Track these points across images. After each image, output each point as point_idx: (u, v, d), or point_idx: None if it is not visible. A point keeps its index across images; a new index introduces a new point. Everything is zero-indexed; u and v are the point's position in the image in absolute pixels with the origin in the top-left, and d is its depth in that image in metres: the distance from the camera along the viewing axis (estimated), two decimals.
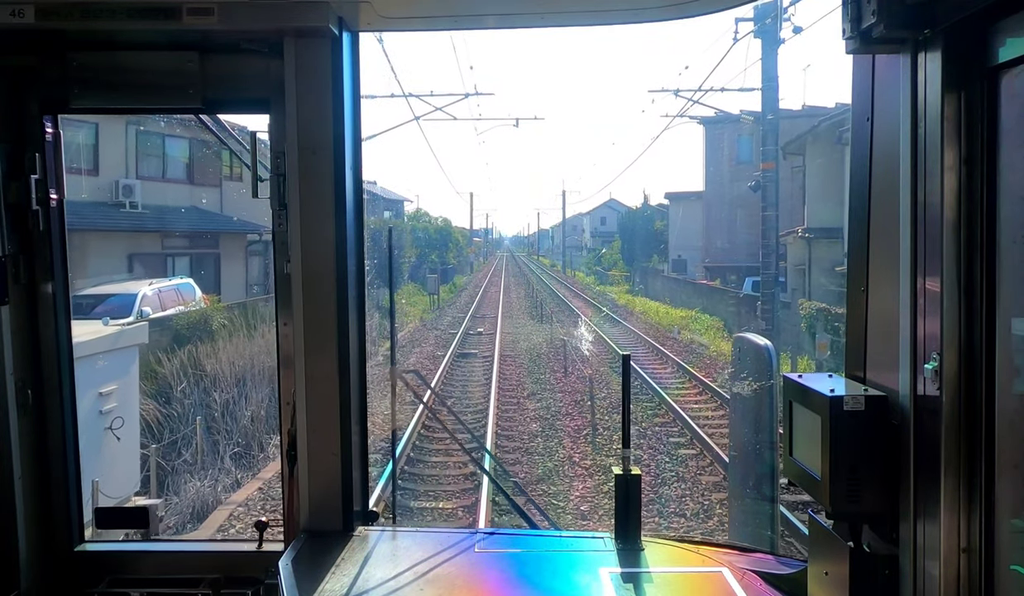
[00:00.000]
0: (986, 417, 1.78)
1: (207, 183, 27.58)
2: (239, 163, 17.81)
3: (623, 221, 67.62)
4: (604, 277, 62.96)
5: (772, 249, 20.92)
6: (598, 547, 2.76)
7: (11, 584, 2.79)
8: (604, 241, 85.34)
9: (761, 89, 20.62)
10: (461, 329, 26.72)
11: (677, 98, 25.65)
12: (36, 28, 2.49)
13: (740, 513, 3.94)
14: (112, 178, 23.12)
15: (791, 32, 19.76)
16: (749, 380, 3.70)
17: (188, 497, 10.40)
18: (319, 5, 2.53)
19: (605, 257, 71.37)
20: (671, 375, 18.98)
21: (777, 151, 21.32)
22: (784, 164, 25.98)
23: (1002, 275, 1.75)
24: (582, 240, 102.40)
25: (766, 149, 20.79)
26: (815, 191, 27.12)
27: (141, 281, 19.63)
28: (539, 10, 2.71)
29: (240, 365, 14.87)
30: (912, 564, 1.91)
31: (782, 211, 21.64)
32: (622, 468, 2.76)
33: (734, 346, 4.18)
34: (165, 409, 13.17)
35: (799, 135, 27.73)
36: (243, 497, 10.47)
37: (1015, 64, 1.68)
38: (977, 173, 1.78)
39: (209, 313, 18.32)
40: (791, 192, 28.22)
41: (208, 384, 14.08)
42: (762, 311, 20.56)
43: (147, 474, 10.30)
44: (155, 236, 24.69)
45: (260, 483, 11.00)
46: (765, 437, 3.70)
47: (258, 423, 13.49)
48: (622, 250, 62.32)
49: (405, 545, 2.78)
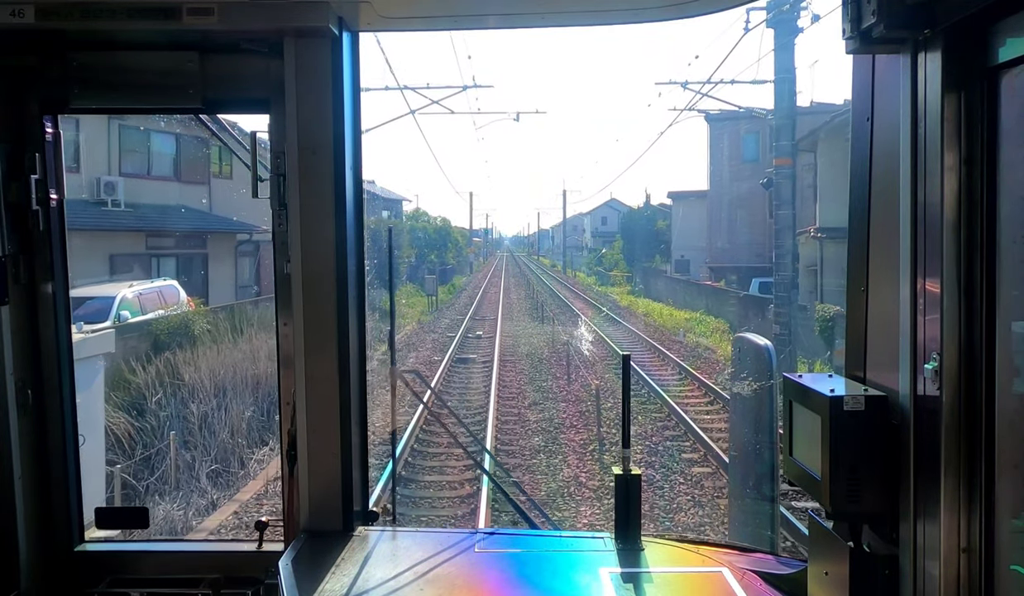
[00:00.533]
0: (986, 417, 1.78)
1: (195, 181, 26.72)
2: (229, 160, 17.88)
3: (624, 221, 66.37)
4: (605, 278, 61.96)
5: (787, 250, 19.62)
6: (598, 547, 2.76)
7: (11, 584, 2.79)
8: (605, 241, 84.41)
9: (774, 81, 19.39)
10: (460, 331, 26.33)
11: (685, 90, 24.11)
12: (36, 28, 2.49)
13: (740, 513, 3.94)
14: (94, 175, 22.21)
15: (809, 20, 18.26)
16: (749, 380, 3.70)
17: (156, 522, 9.41)
18: (319, 5, 2.53)
19: (606, 257, 70.49)
20: (678, 381, 18.09)
21: (793, 146, 20.10)
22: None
23: (1002, 275, 1.75)
24: (583, 240, 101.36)
25: (780, 145, 19.58)
26: (827, 189, 26.12)
27: (121, 283, 18.75)
28: (539, 10, 2.72)
29: (222, 374, 14.05)
30: (912, 564, 1.91)
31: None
32: (622, 468, 2.76)
33: (734, 346, 4.17)
34: (138, 422, 12.39)
35: (811, 131, 26.59)
36: (216, 523, 9.55)
37: (1015, 64, 1.68)
38: (977, 173, 1.78)
39: (191, 317, 17.48)
40: (800, 190, 27.69)
41: (186, 395, 13.28)
42: (776, 315, 19.40)
43: (111, 494, 9.49)
44: (139, 236, 23.78)
45: (237, 505, 10.08)
46: (765, 437, 3.70)
47: (239, 437, 12.64)
48: (624, 250, 61.23)
49: (405, 545, 2.78)
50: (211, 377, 13.88)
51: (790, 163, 19.84)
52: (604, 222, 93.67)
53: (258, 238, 26.97)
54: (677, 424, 13.83)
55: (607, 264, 67.51)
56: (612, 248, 71.28)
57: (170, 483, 10.90)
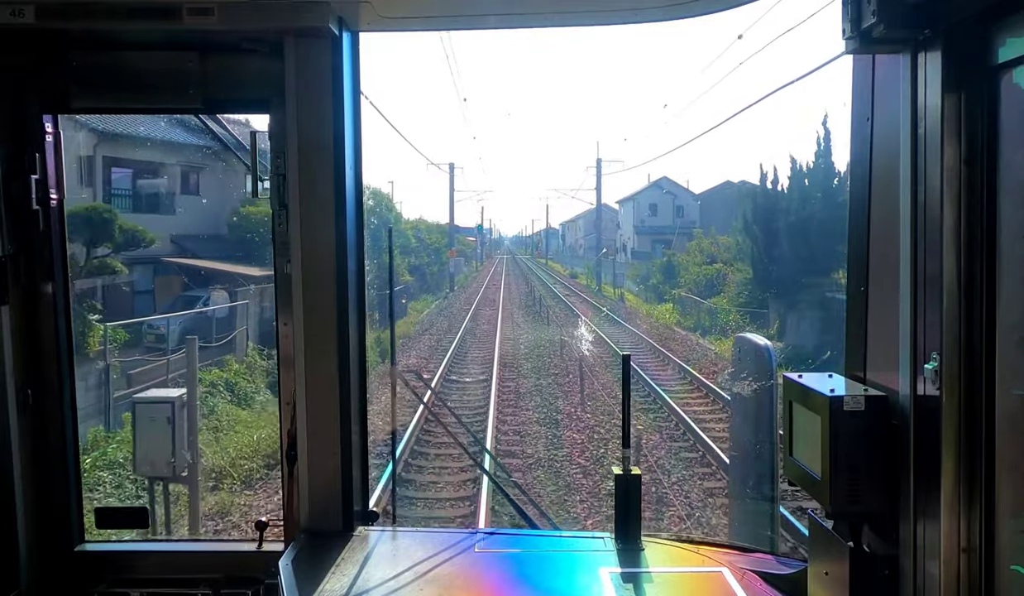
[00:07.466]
0: (986, 417, 1.78)
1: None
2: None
3: (760, 205, 29.72)
4: (686, 306, 33.93)
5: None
6: (598, 547, 2.76)
7: (11, 584, 2.79)
8: (655, 240, 56.23)
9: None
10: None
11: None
12: (36, 28, 2.49)
13: (740, 513, 3.94)
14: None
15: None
16: (749, 380, 3.69)
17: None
18: (319, 5, 2.53)
19: (686, 265, 38.53)
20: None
21: None
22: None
23: (1002, 275, 1.75)
24: (619, 240, 66.90)
25: None
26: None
27: None
28: (539, 10, 2.72)
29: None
30: (912, 564, 1.91)
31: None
32: (622, 468, 2.76)
33: (734, 346, 4.17)
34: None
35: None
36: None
37: (1015, 64, 1.68)
38: (977, 173, 1.78)
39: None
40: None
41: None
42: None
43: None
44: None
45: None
46: (765, 437, 3.69)
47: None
48: (752, 257, 29.70)
49: (405, 545, 2.78)
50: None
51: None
52: (653, 211, 63.04)
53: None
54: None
55: (692, 280, 36.21)
56: (695, 246, 39.87)
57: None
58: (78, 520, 3.03)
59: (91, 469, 10.89)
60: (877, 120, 2.12)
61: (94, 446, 12.20)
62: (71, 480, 2.98)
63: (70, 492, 2.98)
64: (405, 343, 24.11)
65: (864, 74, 2.17)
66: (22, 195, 2.77)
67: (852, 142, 2.27)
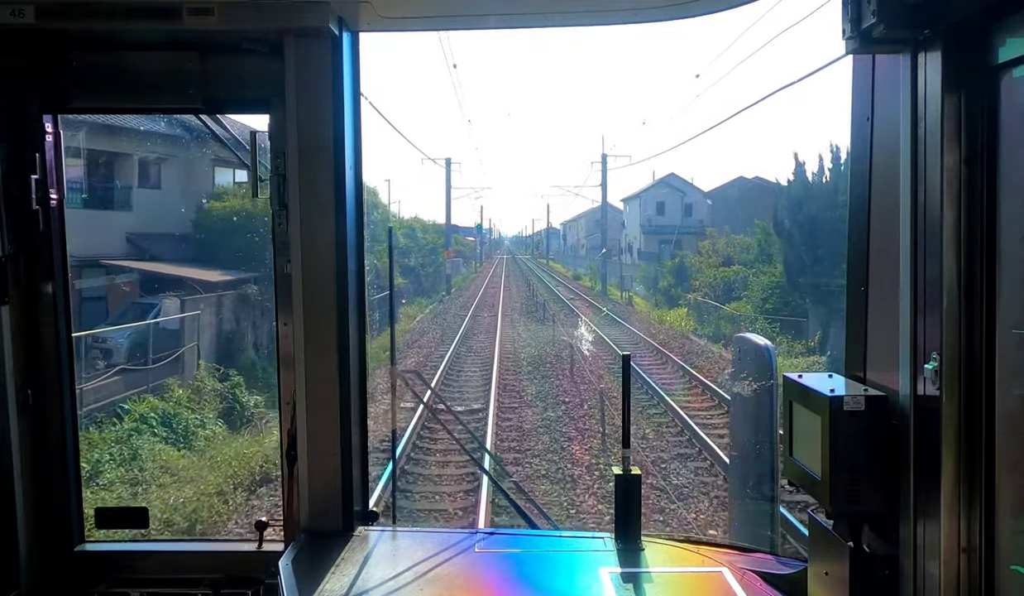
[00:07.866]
0: (986, 417, 1.78)
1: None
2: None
3: (795, 201, 27.09)
4: (703, 312, 31.08)
5: None
6: (598, 547, 2.76)
7: (11, 584, 2.79)
8: (662, 240, 54.47)
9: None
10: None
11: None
12: (36, 28, 2.49)
13: (740, 513, 3.94)
14: None
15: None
16: (749, 380, 3.69)
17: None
18: (319, 5, 2.53)
19: (700, 267, 35.85)
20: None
21: None
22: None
23: (1002, 275, 1.75)
24: (624, 240, 64.98)
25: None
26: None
27: None
28: (539, 10, 2.72)
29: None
30: (912, 564, 1.91)
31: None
32: (622, 468, 2.76)
33: (734, 346, 4.17)
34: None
35: None
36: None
37: (1015, 64, 1.68)
38: (977, 173, 1.78)
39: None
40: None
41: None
42: None
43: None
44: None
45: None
46: (765, 437, 3.69)
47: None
48: (787, 263, 27.16)
49: (405, 545, 2.78)
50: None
51: None
52: (660, 210, 61.03)
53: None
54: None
55: (708, 284, 33.47)
56: (707, 247, 37.52)
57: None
58: (78, 520, 3.03)
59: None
60: (877, 120, 2.12)
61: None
62: (71, 480, 2.98)
63: (70, 492, 2.98)
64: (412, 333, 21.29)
65: (864, 74, 2.17)
66: (22, 195, 2.77)
67: (852, 142, 2.27)
